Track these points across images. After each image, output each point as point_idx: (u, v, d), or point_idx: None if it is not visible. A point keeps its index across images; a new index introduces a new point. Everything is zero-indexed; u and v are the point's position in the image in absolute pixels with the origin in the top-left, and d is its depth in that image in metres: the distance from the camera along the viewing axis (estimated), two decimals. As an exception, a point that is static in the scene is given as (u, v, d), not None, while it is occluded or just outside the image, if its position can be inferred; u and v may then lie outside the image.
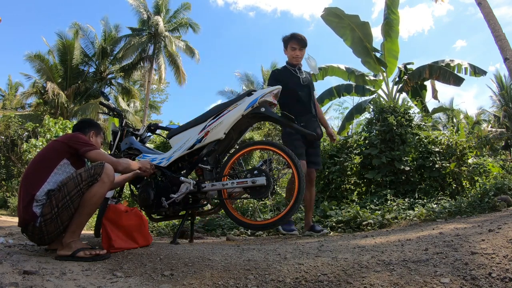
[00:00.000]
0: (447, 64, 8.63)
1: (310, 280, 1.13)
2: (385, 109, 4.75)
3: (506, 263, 1.07)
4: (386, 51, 9.14)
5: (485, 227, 1.71)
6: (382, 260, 1.26)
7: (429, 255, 1.26)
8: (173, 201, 2.22)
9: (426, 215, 2.99)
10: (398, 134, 4.49)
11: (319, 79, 9.67)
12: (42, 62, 17.16)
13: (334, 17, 8.84)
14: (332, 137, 3.29)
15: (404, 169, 4.28)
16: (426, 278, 1.04)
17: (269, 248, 1.82)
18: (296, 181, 2.08)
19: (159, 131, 2.90)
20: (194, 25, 20.32)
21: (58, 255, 1.67)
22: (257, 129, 8.91)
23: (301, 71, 2.98)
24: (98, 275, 1.37)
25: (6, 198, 12.75)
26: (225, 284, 1.19)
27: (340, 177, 4.64)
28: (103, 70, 19.34)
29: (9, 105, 19.85)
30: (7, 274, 1.27)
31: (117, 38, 19.50)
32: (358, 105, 9.46)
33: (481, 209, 2.97)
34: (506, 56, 6.75)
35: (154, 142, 10.30)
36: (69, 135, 1.95)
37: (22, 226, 1.75)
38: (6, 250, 1.80)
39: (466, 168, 4.30)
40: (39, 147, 9.05)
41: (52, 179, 1.77)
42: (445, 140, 4.55)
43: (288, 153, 2.12)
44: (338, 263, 1.28)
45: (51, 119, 9.92)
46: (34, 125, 11.85)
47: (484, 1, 7.23)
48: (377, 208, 3.46)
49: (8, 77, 26.07)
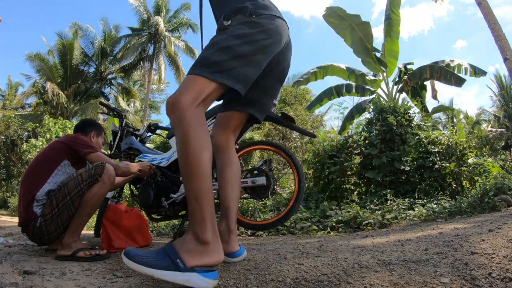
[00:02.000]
0: (447, 64, 8.64)
1: (310, 280, 1.14)
2: (385, 109, 4.75)
3: (506, 263, 1.07)
4: (386, 51, 9.15)
5: (485, 227, 1.71)
6: (382, 260, 1.26)
7: (429, 255, 1.26)
8: (173, 201, 2.22)
9: (426, 215, 2.99)
10: (398, 134, 4.49)
11: (319, 78, 9.67)
12: (42, 62, 17.16)
13: (335, 17, 8.85)
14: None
15: (404, 169, 4.29)
16: (426, 278, 1.04)
17: (269, 248, 1.82)
18: (296, 181, 2.08)
19: (159, 131, 2.90)
20: (194, 25, 20.32)
21: (58, 255, 1.67)
22: (257, 129, 8.91)
23: None
24: (98, 275, 1.37)
25: (6, 198, 12.77)
26: (225, 284, 1.19)
27: (340, 177, 4.64)
28: (103, 70, 19.34)
29: (9, 105, 19.87)
30: (7, 274, 1.27)
31: (117, 38, 19.51)
32: (358, 105, 9.47)
33: (481, 209, 2.97)
34: (506, 56, 6.75)
35: (154, 142, 10.30)
36: (70, 136, 1.95)
37: (22, 226, 1.75)
38: (6, 250, 1.80)
39: (466, 168, 4.31)
40: (39, 147, 9.05)
41: (53, 179, 1.77)
42: (445, 140, 4.55)
43: (288, 153, 2.12)
44: (338, 263, 1.29)
45: (51, 119, 9.92)
46: (34, 125, 11.84)
47: (484, 1, 7.24)
48: (377, 208, 3.47)
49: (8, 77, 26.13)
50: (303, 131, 2.37)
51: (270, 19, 1.36)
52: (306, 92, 11.19)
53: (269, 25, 1.34)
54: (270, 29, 1.34)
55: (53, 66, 17.68)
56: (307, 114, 9.25)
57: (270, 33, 1.33)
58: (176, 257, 1.03)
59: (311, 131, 2.45)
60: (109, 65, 19.84)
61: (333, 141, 5.05)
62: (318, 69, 9.62)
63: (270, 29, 1.34)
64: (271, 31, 1.34)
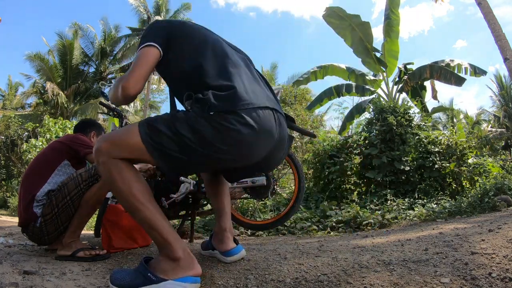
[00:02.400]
0: (447, 64, 8.64)
1: (310, 280, 1.13)
2: (385, 109, 4.76)
3: (506, 263, 1.07)
4: (386, 51, 9.15)
5: (485, 227, 1.71)
6: (382, 260, 1.26)
7: (429, 255, 1.26)
8: (173, 201, 2.21)
9: (426, 215, 2.99)
10: (398, 134, 4.49)
11: (319, 78, 9.67)
12: (42, 62, 17.15)
13: (335, 17, 8.85)
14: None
15: (404, 169, 4.29)
16: (426, 278, 1.04)
17: (269, 248, 1.82)
18: (296, 181, 2.08)
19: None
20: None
21: (58, 255, 1.67)
22: (257, 129, 8.91)
23: None
24: (98, 275, 1.37)
25: (6, 198, 12.76)
26: (225, 284, 1.19)
27: (340, 177, 4.64)
28: (103, 70, 19.33)
29: (9, 105, 19.84)
30: (7, 274, 1.27)
31: (117, 38, 19.50)
32: (358, 105, 9.46)
33: (481, 209, 2.97)
34: (506, 56, 6.75)
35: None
36: (70, 136, 1.94)
37: (22, 226, 1.75)
38: (6, 250, 1.80)
39: (466, 168, 4.31)
40: (39, 147, 9.03)
41: (53, 180, 1.77)
42: (445, 140, 4.55)
43: (288, 153, 2.12)
44: (338, 263, 1.28)
45: (51, 119, 9.90)
46: (34, 125, 11.83)
47: (484, 1, 7.23)
48: (377, 208, 3.47)
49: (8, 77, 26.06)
50: (303, 131, 2.37)
51: (240, 124, 1.02)
52: (306, 92, 11.18)
53: (236, 137, 1.03)
54: (235, 143, 1.04)
55: (53, 66, 17.66)
56: (307, 114, 9.24)
57: (233, 148, 1.05)
58: (146, 271, 1.08)
59: (311, 131, 2.45)
60: (109, 65, 19.83)
61: (333, 141, 5.05)
62: (318, 69, 9.62)
63: (236, 143, 1.04)
64: (236, 145, 1.05)
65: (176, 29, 1.23)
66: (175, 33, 1.21)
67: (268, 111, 1.11)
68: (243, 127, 1.03)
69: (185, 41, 1.20)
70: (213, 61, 1.15)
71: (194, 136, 1.03)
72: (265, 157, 1.18)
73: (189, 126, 1.03)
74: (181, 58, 1.18)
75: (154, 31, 1.21)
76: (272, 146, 1.17)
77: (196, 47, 1.19)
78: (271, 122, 1.11)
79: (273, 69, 19.98)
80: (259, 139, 1.09)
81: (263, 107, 1.10)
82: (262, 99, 1.12)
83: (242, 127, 1.03)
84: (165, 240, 1.10)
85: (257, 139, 1.08)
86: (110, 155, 1.09)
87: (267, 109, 1.11)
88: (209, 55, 1.17)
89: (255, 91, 1.13)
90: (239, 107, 1.03)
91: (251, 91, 1.11)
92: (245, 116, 1.03)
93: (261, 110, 1.08)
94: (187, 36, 1.22)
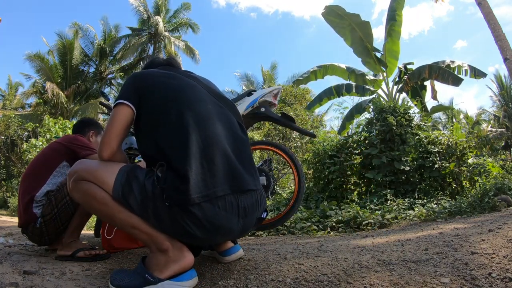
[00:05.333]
0: (447, 65, 8.63)
1: (310, 280, 1.13)
2: (385, 109, 4.76)
3: (506, 263, 1.07)
4: (386, 51, 9.14)
5: (485, 227, 1.71)
6: (382, 260, 1.26)
7: (429, 255, 1.26)
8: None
9: (426, 215, 2.99)
10: (398, 134, 4.49)
11: (319, 77, 9.66)
12: (42, 62, 17.15)
13: (335, 16, 8.83)
14: None
15: (404, 169, 4.29)
16: (426, 278, 1.04)
17: (269, 248, 1.82)
18: (296, 181, 2.08)
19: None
20: (194, 25, 20.34)
21: (58, 255, 1.67)
22: (257, 129, 8.91)
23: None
24: (98, 275, 1.37)
25: (6, 198, 12.76)
26: (225, 284, 1.19)
27: (340, 177, 4.64)
28: (103, 70, 19.33)
29: (9, 105, 19.84)
30: (7, 274, 1.27)
31: (117, 38, 19.51)
32: (358, 105, 9.46)
33: (481, 209, 2.97)
34: (506, 56, 6.75)
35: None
36: (69, 137, 1.94)
37: (22, 227, 1.75)
38: (6, 250, 1.80)
39: (466, 168, 4.31)
40: (39, 147, 9.03)
41: (52, 180, 1.77)
42: (445, 140, 4.55)
43: (288, 153, 2.12)
44: (338, 263, 1.28)
45: (51, 119, 9.90)
46: (34, 125, 11.83)
47: (484, 1, 7.24)
48: (377, 208, 3.47)
49: (8, 77, 26.06)
50: (303, 131, 2.37)
51: (193, 224, 1.06)
52: (306, 92, 11.17)
53: (189, 232, 1.08)
54: (189, 236, 1.10)
55: (53, 66, 17.66)
56: (307, 114, 9.24)
57: (186, 238, 1.13)
58: (144, 272, 1.11)
59: (311, 131, 2.45)
60: (109, 65, 19.83)
61: (333, 141, 5.05)
62: (318, 68, 9.61)
63: (189, 236, 1.10)
64: (189, 237, 1.11)
65: (143, 84, 1.22)
66: (142, 90, 1.20)
67: (230, 199, 1.09)
68: (195, 227, 1.07)
69: (150, 101, 1.18)
70: (171, 134, 1.12)
71: (156, 216, 1.09)
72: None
73: (154, 205, 1.08)
74: (147, 124, 1.18)
75: (125, 87, 1.23)
76: (232, 236, 1.20)
77: (157, 115, 1.16)
78: (228, 217, 1.10)
79: (273, 69, 19.98)
80: (214, 235, 1.12)
81: (221, 196, 1.07)
82: (222, 181, 1.09)
83: (195, 227, 1.07)
84: (148, 235, 1.13)
85: (210, 236, 1.12)
86: (79, 178, 1.15)
87: (229, 196, 1.09)
88: (169, 123, 1.13)
89: (216, 170, 1.09)
90: (192, 202, 1.03)
91: (210, 174, 1.08)
92: (197, 214, 1.04)
93: (219, 201, 1.07)
94: (152, 94, 1.20)
